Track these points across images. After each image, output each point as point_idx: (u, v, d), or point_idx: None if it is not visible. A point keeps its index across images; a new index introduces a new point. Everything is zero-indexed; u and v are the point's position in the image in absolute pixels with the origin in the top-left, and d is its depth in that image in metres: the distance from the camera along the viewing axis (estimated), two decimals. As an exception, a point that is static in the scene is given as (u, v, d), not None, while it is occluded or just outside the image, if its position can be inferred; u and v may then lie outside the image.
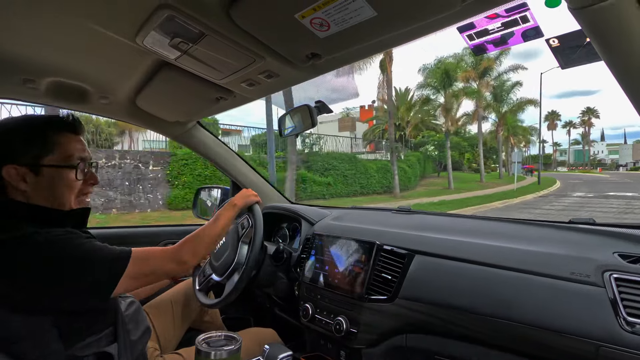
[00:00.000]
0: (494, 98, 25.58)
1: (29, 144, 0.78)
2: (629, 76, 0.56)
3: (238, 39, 0.77)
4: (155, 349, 1.11)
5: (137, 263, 0.79)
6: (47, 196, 0.80)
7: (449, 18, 0.64)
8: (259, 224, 1.16)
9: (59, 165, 0.81)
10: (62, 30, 0.79)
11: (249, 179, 1.75)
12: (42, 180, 0.79)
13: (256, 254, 1.15)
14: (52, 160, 0.80)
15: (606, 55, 0.54)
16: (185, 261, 0.89)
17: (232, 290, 1.14)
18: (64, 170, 0.81)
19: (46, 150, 0.80)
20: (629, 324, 0.68)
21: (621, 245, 0.83)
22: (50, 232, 0.73)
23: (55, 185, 0.80)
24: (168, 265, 0.86)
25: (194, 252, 0.91)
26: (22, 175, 0.77)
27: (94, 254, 0.75)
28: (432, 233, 1.10)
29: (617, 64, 0.55)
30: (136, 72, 1.02)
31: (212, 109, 1.28)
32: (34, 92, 1.11)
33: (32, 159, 0.78)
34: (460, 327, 0.89)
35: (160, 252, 0.87)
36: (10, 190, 0.78)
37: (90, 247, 0.76)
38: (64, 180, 0.81)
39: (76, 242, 0.75)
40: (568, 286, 0.77)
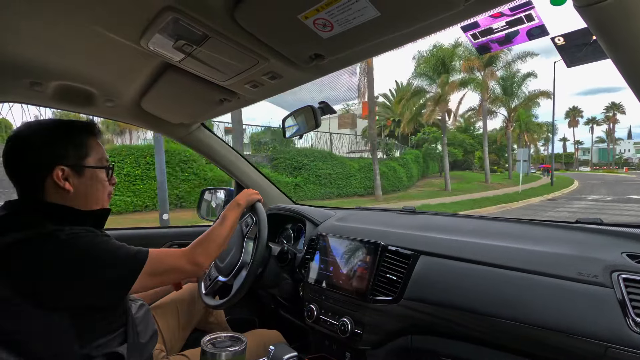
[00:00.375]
0: (503, 91, 23.17)
1: (71, 147, 0.83)
2: (636, 74, 0.56)
3: (242, 40, 0.77)
4: (161, 350, 1.12)
5: (154, 262, 0.82)
6: (87, 196, 0.84)
7: (452, 17, 0.64)
8: (262, 219, 1.18)
9: (97, 166, 0.86)
10: (68, 33, 0.80)
11: (253, 180, 1.76)
12: (84, 180, 0.84)
13: (262, 249, 1.16)
14: (91, 161, 0.85)
15: (613, 53, 0.54)
16: (199, 263, 0.92)
17: (239, 288, 1.14)
18: (100, 172, 0.87)
19: (84, 152, 0.84)
20: (637, 325, 0.67)
21: (629, 246, 0.82)
22: (72, 229, 0.76)
23: (94, 185, 0.86)
24: (184, 265, 0.89)
25: (207, 254, 0.95)
26: (67, 176, 0.81)
27: (114, 251, 0.78)
28: (437, 233, 1.09)
29: (624, 62, 0.54)
30: (141, 75, 1.03)
31: (216, 110, 1.28)
32: (41, 95, 1.12)
33: (76, 160, 0.83)
34: (465, 327, 0.88)
35: (175, 253, 0.90)
36: (50, 190, 0.80)
37: (111, 244, 0.79)
38: (100, 181, 0.87)
39: (97, 240, 0.78)
40: (575, 287, 0.76)
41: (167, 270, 0.86)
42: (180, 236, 1.70)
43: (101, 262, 0.76)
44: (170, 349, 1.19)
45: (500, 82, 22.54)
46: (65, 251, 0.73)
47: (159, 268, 0.84)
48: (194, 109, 1.31)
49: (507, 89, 22.98)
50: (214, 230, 1.01)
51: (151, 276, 0.82)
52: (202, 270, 0.94)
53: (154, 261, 0.83)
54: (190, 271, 0.91)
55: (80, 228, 0.78)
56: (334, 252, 1.19)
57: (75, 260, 0.73)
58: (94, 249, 0.76)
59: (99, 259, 0.76)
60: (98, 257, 0.76)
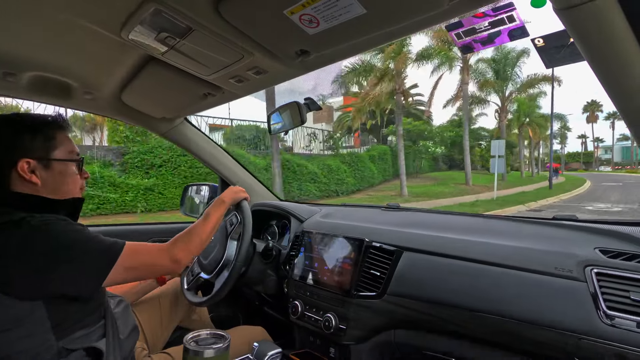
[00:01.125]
0: (495, 74, 19.38)
1: (38, 140, 0.81)
2: (610, 76, 0.58)
3: (226, 34, 0.76)
4: (143, 349, 1.10)
5: (130, 255, 0.80)
6: (55, 189, 0.82)
7: (437, 16, 0.65)
8: (247, 220, 1.16)
9: (65, 159, 0.84)
10: (44, 23, 0.77)
11: (238, 176, 1.74)
12: (52, 174, 0.82)
13: (245, 250, 1.15)
14: (59, 154, 0.83)
15: (588, 55, 0.56)
16: (178, 259, 0.89)
17: (221, 287, 1.13)
18: (69, 164, 0.85)
19: (52, 145, 0.83)
20: (608, 317, 0.70)
21: (602, 241, 0.85)
22: (43, 217, 0.74)
23: (63, 178, 0.84)
24: (161, 260, 0.87)
25: (187, 250, 0.92)
26: (33, 169, 0.79)
27: (87, 240, 0.76)
28: (421, 230, 1.11)
29: (599, 64, 0.56)
30: (121, 67, 1.00)
31: (200, 105, 1.26)
32: (15, 86, 1.07)
33: (43, 153, 0.81)
34: (447, 322, 0.90)
35: (154, 247, 0.87)
36: (17, 183, 0.79)
37: (85, 234, 0.77)
38: (70, 174, 0.85)
39: (70, 228, 0.76)
40: (551, 281, 0.79)
41: (143, 264, 0.84)
42: (163, 232, 1.67)
43: (74, 250, 0.74)
44: (153, 347, 1.17)
45: (492, 64, 19.17)
46: (37, 238, 0.71)
47: (135, 261, 0.82)
48: (177, 103, 1.28)
49: (499, 71, 19.46)
50: (196, 226, 0.99)
51: (126, 270, 0.80)
52: (180, 267, 0.91)
53: (129, 254, 0.80)
54: (168, 267, 0.88)
55: (52, 215, 0.76)
56: (319, 249, 1.19)
57: (47, 248, 0.71)
58: (66, 237, 0.74)
59: (71, 248, 0.74)
60: (70, 245, 0.74)
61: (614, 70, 0.56)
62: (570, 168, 57.23)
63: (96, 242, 0.77)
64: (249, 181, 1.78)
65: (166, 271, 0.91)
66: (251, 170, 1.78)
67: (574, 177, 29.86)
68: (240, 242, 1.16)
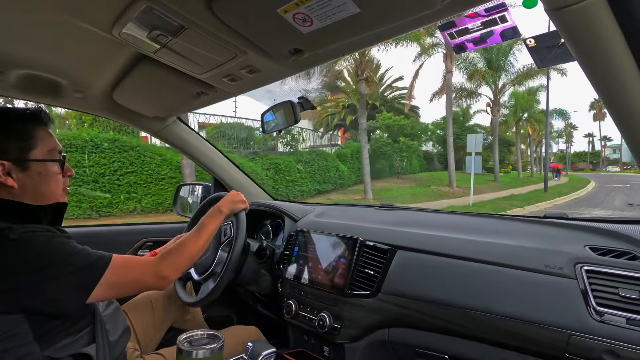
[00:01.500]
0: (487, 64, 17.56)
1: (13, 139, 0.75)
2: (600, 77, 0.59)
3: (219, 32, 0.76)
4: (136, 349, 1.09)
5: (115, 272, 0.76)
6: (35, 192, 0.77)
7: (430, 16, 0.65)
8: (241, 233, 1.14)
9: (45, 159, 0.79)
10: (33, 21, 0.75)
11: (231, 175, 1.73)
12: (30, 176, 0.77)
13: (233, 266, 1.13)
14: (37, 154, 0.78)
15: (579, 56, 0.56)
16: (165, 276, 0.84)
17: (206, 295, 1.13)
18: (49, 165, 0.79)
19: (30, 144, 0.77)
20: (598, 313, 0.71)
21: (592, 239, 0.86)
22: (25, 227, 0.70)
23: (44, 180, 0.78)
24: (148, 278, 0.82)
25: (176, 267, 0.87)
26: (8, 171, 0.74)
27: (72, 254, 0.72)
28: (414, 229, 1.12)
29: (589, 65, 0.57)
30: (113, 65, 0.99)
31: (193, 104, 1.25)
32: (3, 84, 1.05)
33: (18, 154, 0.75)
34: (440, 320, 0.91)
35: (141, 263, 0.83)
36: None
37: (68, 248, 0.72)
38: (50, 174, 0.80)
39: (53, 241, 0.71)
40: (542, 278, 0.80)
41: (129, 282, 0.79)
42: (155, 232, 1.65)
43: (56, 267, 0.69)
44: (145, 348, 1.16)
45: (483, 52, 17.37)
46: (17, 253, 0.67)
47: (120, 280, 0.77)
48: (169, 102, 1.27)
49: (491, 60, 17.52)
50: (188, 240, 0.93)
51: (110, 288, 0.75)
52: (167, 285, 0.86)
53: (115, 271, 0.75)
54: (153, 285, 0.84)
55: (35, 226, 0.72)
56: (313, 248, 1.19)
57: (28, 265, 0.67)
58: (48, 252, 0.69)
59: (53, 264, 0.69)
60: (53, 261, 0.69)
61: (603, 70, 0.57)
62: (577, 168, 54.19)
63: (81, 257, 0.73)
64: (242, 180, 1.78)
65: (152, 288, 0.86)
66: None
67: (579, 177, 28.01)
68: (228, 256, 1.14)
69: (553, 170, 25.80)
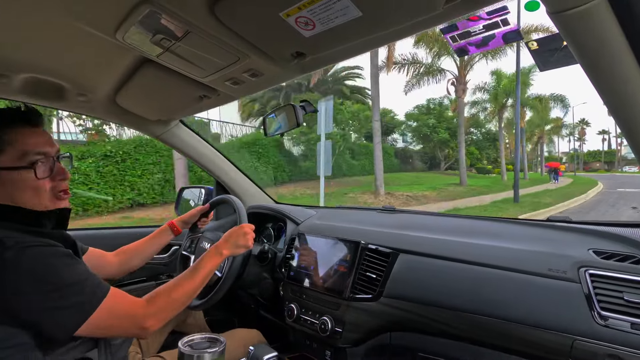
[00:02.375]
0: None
1: None
2: (603, 79, 0.59)
3: (222, 36, 0.76)
4: (137, 353, 1.09)
5: (103, 311, 0.69)
6: (16, 203, 0.70)
7: (432, 19, 0.65)
8: (231, 274, 1.10)
9: (13, 167, 0.69)
10: (37, 25, 0.76)
11: (233, 179, 1.73)
12: (3, 186, 0.69)
13: (234, 269, 1.11)
14: (6, 160, 0.69)
15: (581, 59, 0.56)
16: (146, 327, 0.75)
17: (208, 298, 1.12)
18: (21, 172, 0.70)
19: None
20: (602, 318, 0.71)
21: (596, 242, 0.86)
22: (21, 243, 0.63)
23: (17, 190, 0.70)
24: (131, 328, 0.75)
25: (159, 316, 0.78)
26: None
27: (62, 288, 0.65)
28: (416, 232, 1.11)
29: (592, 67, 0.57)
30: (116, 69, 0.99)
31: (196, 107, 1.25)
32: (7, 88, 1.06)
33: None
34: (443, 324, 0.90)
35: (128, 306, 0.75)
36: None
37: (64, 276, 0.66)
38: (25, 182, 0.70)
39: (48, 265, 0.64)
40: (546, 282, 0.80)
41: (108, 326, 0.71)
42: None
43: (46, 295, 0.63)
44: (147, 351, 1.16)
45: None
46: (7, 272, 0.61)
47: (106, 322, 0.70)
48: (172, 105, 1.28)
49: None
50: (179, 282, 0.84)
51: (93, 329, 0.69)
52: (148, 336, 0.78)
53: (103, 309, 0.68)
54: (132, 335, 0.77)
55: (33, 239, 0.65)
56: (315, 251, 1.19)
57: (16, 285, 0.61)
58: (40, 276, 0.63)
59: (44, 291, 0.63)
60: (43, 288, 0.63)
61: (606, 73, 0.57)
62: (590, 169, 49.44)
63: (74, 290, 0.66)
64: (244, 184, 1.78)
65: (132, 336, 0.80)
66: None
67: (585, 179, 23.72)
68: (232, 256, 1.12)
69: (550, 170, 22.21)
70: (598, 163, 52.32)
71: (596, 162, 52.98)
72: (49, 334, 0.65)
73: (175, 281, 0.85)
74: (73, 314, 0.66)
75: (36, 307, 0.63)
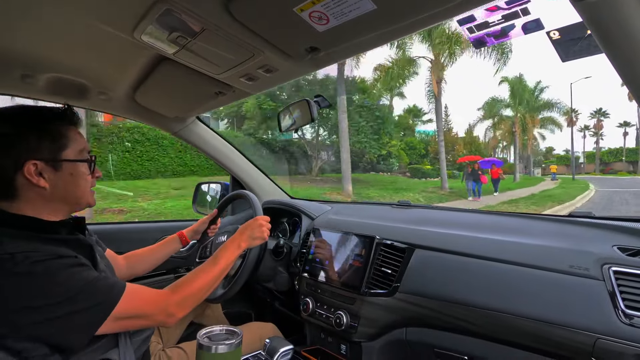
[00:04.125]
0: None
1: (45, 138, 0.73)
2: (629, 68, 0.56)
3: (237, 33, 0.76)
4: (158, 343, 1.12)
5: (124, 305, 0.71)
6: (66, 193, 0.76)
7: (449, 10, 0.64)
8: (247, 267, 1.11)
9: (76, 160, 0.77)
10: (60, 25, 0.79)
11: (249, 174, 1.75)
12: (62, 176, 0.75)
13: (250, 263, 1.10)
14: (69, 154, 0.76)
15: (606, 48, 0.54)
16: (172, 313, 0.79)
17: (226, 291, 1.12)
18: (80, 165, 0.78)
19: (62, 144, 0.75)
20: (627, 316, 0.68)
21: (620, 239, 0.83)
22: (32, 257, 0.65)
23: (75, 181, 0.77)
24: (157, 314, 0.78)
25: (184, 304, 0.82)
26: (41, 172, 0.72)
27: (77, 294, 0.67)
28: (432, 227, 1.10)
29: (618, 56, 0.55)
30: (134, 67, 1.02)
31: (211, 103, 1.27)
32: (33, 87, 1.10)
33: (51, 154, 0.74)
34: (459, 320, 0.89)
35: (152, 297, 0.78)
36: (23, 188, 0.72)
37: (76, 283, 0.67)
38: (81, 175, 0.78)
39: (58, 275, 0.66)
40: (567, 279, 0.78)
41: (137, 315, 0.74)
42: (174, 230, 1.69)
43: (58, 305, 0.64)
44: (167, 342, 1.20)
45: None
46: (19, 286, 0.63)
47: (128, 312, 0.72)
48: (188, 102, 1.30)
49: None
50: (200, 273, 0.88)
51: (117, 321, 0.71)
52: (174, 323, 0.81)
53: (124, 304, 0.71)
54: (161, 322, 0.79)
55: (44, 252, 0.66)
56: (330, 246, 1.19)
57: (29, 299, 0.63)
58: (52, 287, 0.65)
59: (57, 301, 0.65)
60: (56, 298, 0.65)
61: (633, 62, 0.54)
62: (612, 170, 39.09)
63: (88, 294, 0.68)
64: (260, 179, 1.79)
65: (159, 324, 0.82)
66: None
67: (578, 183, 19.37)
68: (248, 250, 1.12)
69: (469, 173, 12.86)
70: (620, 163, 40.05)
71: (618, 162, 40.32)
72: (67, 341, 0.67)
73: (195, 272, 0.88)
74: (90, 316, 0.68)
75: (50, 318, 0.64)
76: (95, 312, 0.68)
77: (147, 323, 0.79)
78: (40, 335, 0.64)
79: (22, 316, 0.63)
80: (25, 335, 0.63)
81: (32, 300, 0.63)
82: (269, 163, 13.52)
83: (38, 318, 0.63)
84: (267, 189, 1.81)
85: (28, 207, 0.74)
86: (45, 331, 0.64)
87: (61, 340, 0.66)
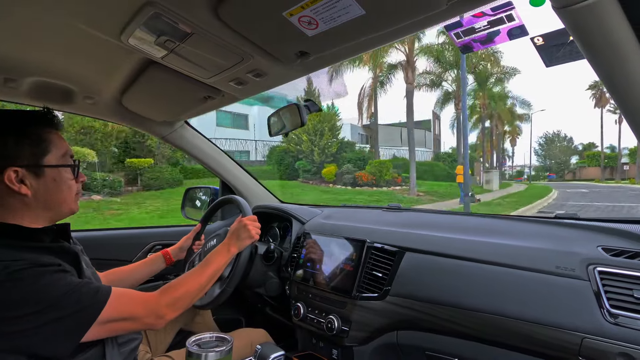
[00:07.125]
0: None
1: (26, 144, 0.71)
2: (610, 74, 0.58)
3: (226, 37, 0.76)
4: (146, 352, 1.10)
5: (112, 308, 0.70)
6: (49, 200, 0.74)
7: (436, 16, 0.65)
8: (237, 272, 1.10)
9: (58, 165, 0.75)
10: (45, 29, 0.77)
11: (238, 179, 1.74)
12: (44, 182, 0.73)
13: (241, 268, 1.09)
14: (51, 159, 0.74)
15: (588, 54, 0.55)
16: (162, 315, 0.78)
17: (215, 298, 1.11)
18: (63, 170, 0.76)
19: (43, 149, 0.73)
20: (612, 315, 0.70)
21: (605, 239, 0.85)
22: (12, 266, 0.63)
23: (58, 187, 0.75)
24: (142, 315, 0.76)
25: (175, 306, 0.81)
26: (22, 178, 0.70)
27: (59, 300, 0.65)
28: (422, 230, 1.11)
29: (599, 62, 0.56)
30: (122, 71, 1.00)
31: (200, 108, 1.26)
32: (15, 92, 1.08)
33: (33, 159, 0.71)
34: (450, 322, 0.90)
35: (141, 299, 0.77)
36: (4, 197, 0.70)
37: (59, 289, 0.65)
38: (64, 181, 0.76)
39: (41, 282, 0.64)
40: (554, 280, 0.79)
41: (125, 317, 0.73)
42: (164, 236, 1.67)
43: (42, 312, 0.63)
44: (155, 350, 1.17)
45: None
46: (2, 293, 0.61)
47: (117, 315, 0.71)
48: (177, 106, 1.29)
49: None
50: (190, 277, 0.87)
51: (104, 325, 0.69)
52: (163, 325, 0.80)
53: (111, 307, 0.69)
54: (150, 324, 0.78)
55: (24, 260, 0.64)
56: (321, 250, 1.19)
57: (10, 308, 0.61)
58: (34, 294, 0.63)
59: (40, 308, 0.63)
60: (39, 305, 0.63)
61: (614, 68, 0.56)
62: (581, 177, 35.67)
63: (72, 300, 0.66)
64: (250, 184, 1.78)
65: (148, 327, 0.79)
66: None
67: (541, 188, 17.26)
68: (238, 255, 1.10)
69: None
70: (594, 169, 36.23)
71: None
72: (52, 350, 0.65)
73: (186, 275, 0.88)
74: (76, 322, 0.66)
75: (33, 326, 0.62)
76: (81, 317, 0.67)
77: (136, 326, 0.77)
78: (21, 346, 0.62)
79: (2, 326, 0.61)
80: (7, 347, 0.61)
81: (12, 309, 0.61)
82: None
83: (19, 327, 0.61)
84: (257, 193, 1.80)
85: (9, 214, 0.71)
86: (28, 341, 0.62)
87: (45, 349, 0.64)
